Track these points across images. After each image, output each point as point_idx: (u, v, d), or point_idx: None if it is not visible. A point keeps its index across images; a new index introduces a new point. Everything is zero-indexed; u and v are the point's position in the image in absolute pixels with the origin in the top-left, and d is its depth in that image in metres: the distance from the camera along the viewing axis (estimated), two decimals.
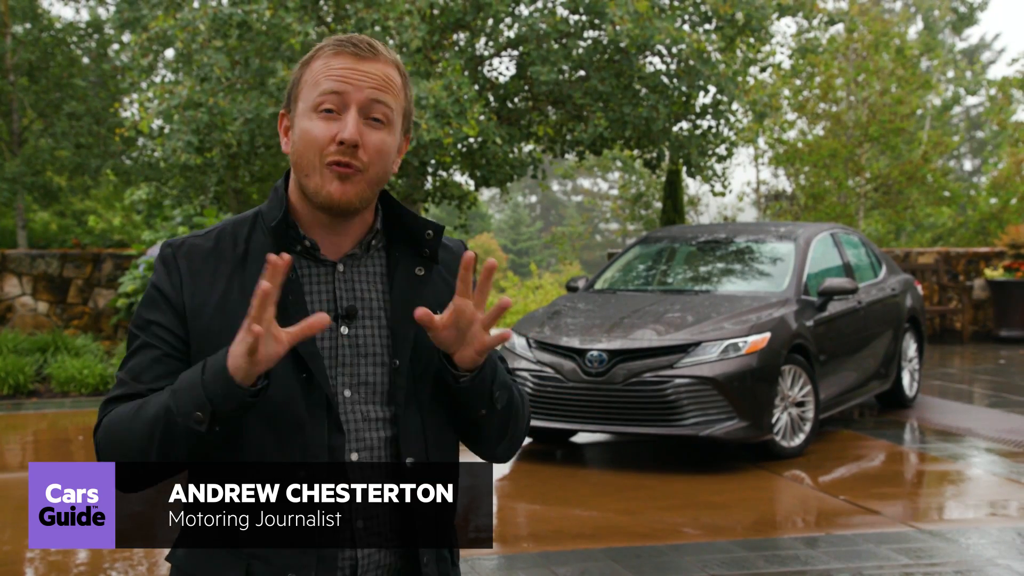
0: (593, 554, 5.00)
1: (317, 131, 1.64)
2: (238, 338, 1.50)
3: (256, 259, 1.67)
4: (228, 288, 1.66)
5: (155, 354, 1.65)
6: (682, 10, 11.44)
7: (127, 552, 5.10)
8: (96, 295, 12.81)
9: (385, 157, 1.66)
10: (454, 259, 1.79)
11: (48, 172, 16.04)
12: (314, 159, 1.64)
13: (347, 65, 1.65)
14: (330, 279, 1.70)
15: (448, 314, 1.58)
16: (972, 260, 14.84)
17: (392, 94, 1.67)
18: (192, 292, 1.66)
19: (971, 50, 37.25)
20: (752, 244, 8.34)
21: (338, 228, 1.70)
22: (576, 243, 23.84)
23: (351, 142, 1.61)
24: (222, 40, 10.17)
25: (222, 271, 1.67)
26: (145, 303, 1.69)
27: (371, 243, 1.73)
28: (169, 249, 1.71)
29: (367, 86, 1.64)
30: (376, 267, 1.73)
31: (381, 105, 1.65)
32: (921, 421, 8.58)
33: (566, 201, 51.38)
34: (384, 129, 1.66)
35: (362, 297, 1.71)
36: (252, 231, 1.71)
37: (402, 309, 1.69)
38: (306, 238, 1.69)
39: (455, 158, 11.61)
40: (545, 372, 6.97)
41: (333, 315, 1.68)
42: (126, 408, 1.60)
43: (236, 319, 1.59)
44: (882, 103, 18.53)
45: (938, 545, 5.12)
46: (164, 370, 1.64)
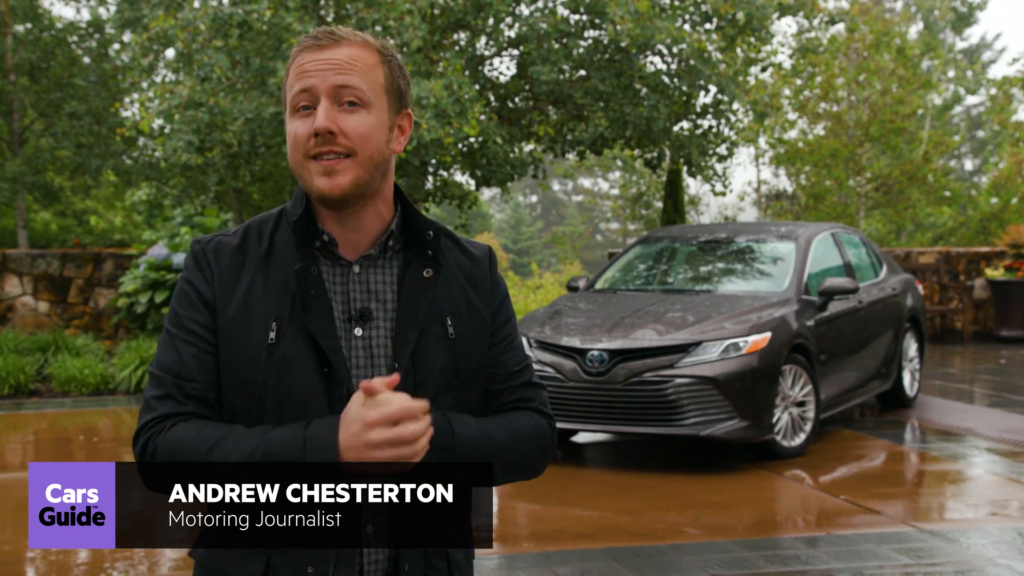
0: (593, 554, 5.00)
1: (297, 130, 1.66)
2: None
3: (279, 255, 1.70)
4: (252, 283, 1.68)
5: (193, 351, 1.66)
6: (683, 10, 11.43)
7: (127, 552, 5.10)
8: (97, 295, 12.80)
9: (371, 137, 1.66)
10: (474, 266, 1.79)
11: (49, 172, 16.04)
12: (300, 158, 1.66)
13: (310, 58, 1.66)
14: (345, 279, 1.71)
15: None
16: (973, 260, 14.84)
17: (359, 74, 1.66)
18: (220, 288, 1.68)
19: (972, 50, 37.24)
20: (753, 244, 8.34)
21: (348, 222, 1.71)
22: (577, 243, 23.82)
23: (323, 130, 1.62)
24: (223, 40, 10.17)
25: (248, 267, 1.69)
26: (179, 299, 1.71)
27: (388, 244, 1.73)
28: (199, 246, 1.73)
29: (331, 72, 1.64)
30: (391, 268, 1.74)
31: (349, 88, 1.65)
32: (922, 421, 8.57)
33: (567, 201, 51.38)
34: (363, 109, 1.66)
35: (377, 299, 1.71)
36: (276, 228, 1.73)
37: (406, 313, 1.69)
38: (324, 232, 1.70)
39: (456, 158, 11.60)
40: (546, 372, 6.97)
41: (347, 316, 1.69)
42: (191, 435, 1.60)
43: (258, 312, 1.64)
44: (883, 103, 18.52)
45: (939, 545, 5.12)
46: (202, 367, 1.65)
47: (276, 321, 1.65)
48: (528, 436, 1.75)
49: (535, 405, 1.81)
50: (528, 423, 1.76)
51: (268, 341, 1.65)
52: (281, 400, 1.65)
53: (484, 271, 1.81)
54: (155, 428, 1.63)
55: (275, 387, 1.65)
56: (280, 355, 1.65)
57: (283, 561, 1.61)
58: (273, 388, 1.65)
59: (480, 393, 1.77)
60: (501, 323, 1.81)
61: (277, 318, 1.65)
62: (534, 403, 1.81)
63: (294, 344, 1.64)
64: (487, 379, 1.78)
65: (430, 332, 1.71)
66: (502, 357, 1.80)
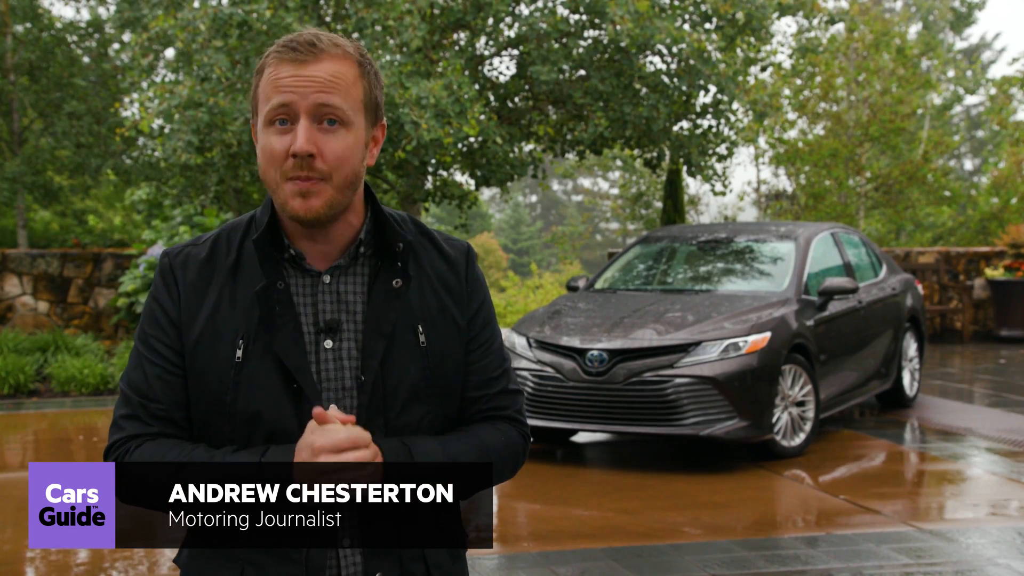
0: (593, 554, 5.00)
1: (273, 146, 1.61)
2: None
3: (246, 268, 1.67)
4: (219, 299, 1.66)
5: (157, 372, 1.67)
6: (682, 9, 11.44)
7: (127, 552, 5.11)
8: (96, 295, 12.81)
9: (347, 159, 1.63)
10: (450, 269, 1.76)
11: (48, 172, 16.03)
12: (275, 175, 1.63)
13: (290, 73, 1.61)
14: (314, 290, 1.68)
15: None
16: (972, 260, 14.84)
17: (340, 93, 1.62)
18: (187, 306, 1.67)
19: (971, 49, 37.24)
20: (752, 244, 8.34)
21: (318, 237, 1.68)
22: (576, 243, 23.82)
23: (303, 153, 1.59)
24: (222, 40, 10.16)
25: (215, 281, 1.67)
26: (146, 317, 1.71)
27: (358, 251, 1.71)
28: (167, 260, 1.71)
29: (311, 91, 1.60)
30: (362, 276, 1.71)
31: (330, 108, 1.61)
32: (921, 421, 8.58)
33: (566, 201, 51.38)
34: (341, 130, 1.62)
35: (347, 309, 1.69)
36: (245, 237, 1.70)
37: (374, 323, 1.67)
38: (291, 247, 1.67)
39: (455, 158, 11.60)
40: (545, 372, 6.97)
41: (316, 328, 1.67)
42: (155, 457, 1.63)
43: (225, 329, 1.63)
44: (882, 102, 18.53)
45: (938, 545, 5.12)
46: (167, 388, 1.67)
47: (243, 339, 1.63)
48: (494, 450, 1.73)
49: (509, 413, 1.79)
50: (497, 438, 1.75)
51: (235, 359, 1.63)
52: (251, 418, 1.64)
53: (460, 274, 1.77)
54: (122, 448, 1.66)
55: (244, 405, 1.64)
56: (247, 373, 1.64)
57: (256, 570, 1.62)
58: (242, 406, 1.64)
59: (456, 401, 1.75)
60: (479, 328, 1.78)
61: (244, 336, 1.63)
62: (508, 411, 1.79)
63: (261, 362, 1.63)
64: (463, 386, 1.76)
65: (400, 342, 1.68)
66: (480, 363, 1.77)
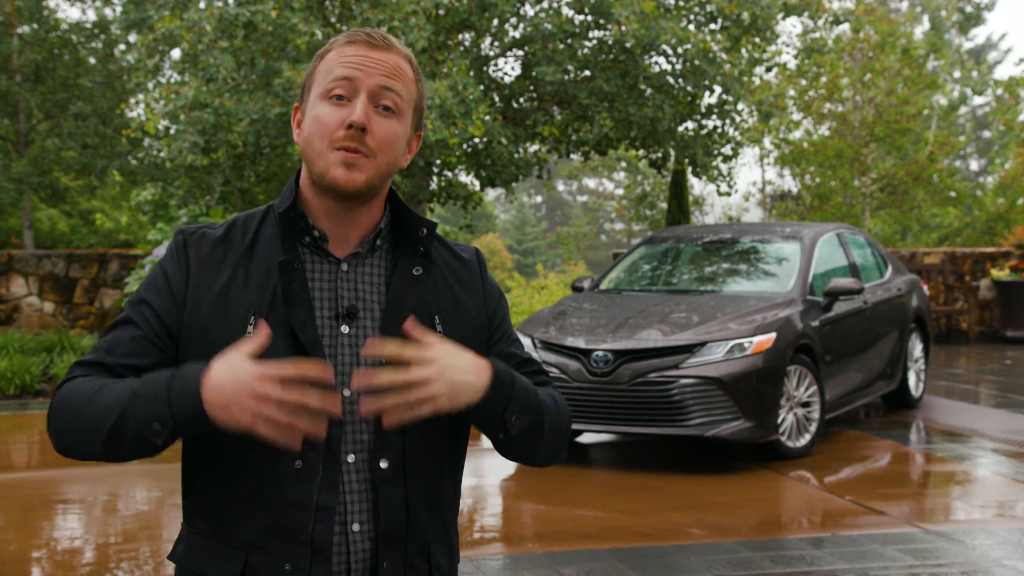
0: (598, 554, 5.00)
1: (327, 116, 1.63)
2: (226, 363, 1.49)
3: (262, 248, 1.67)
4: (233, 276, 1.65)
5: (134, 332, 1.63)
6: (688, 10, 11.43)
7: (132, 551, 5.11)
8: (102, 295, 12.83)
9: (394, 146, 1.66)
10: (462, 267, 1.78)
11: (54, 172, 16.08)
12: (322, 143, 1.63)
13: (359, 52, 1.65)
14: (333, 276, 1.69)
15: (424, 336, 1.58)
16: (978, 260, 14.82)
17: (403, 83, 1.66)
18: (197, 282, 1.65)
19: (977, 50, 37.19)
20: (758, 244, 8.33)
21: (345, 218, 1.68)
22: (581, 243, 23.82)
23: (359, 124, 1.61)
24: (228, 41, 10.18)
25: (229, 259, 1.67)
26: (147, 282, 1.69)
27: (376, 243, 1.72)
28: (182, 236, 1.71)
29: (377, 72, 1.64)
30: (379, 266, 1.72)
31: (391, 93, 1.65)
32: (927, 421, 8.56)
33: (571, 201, 51.38)
34: (393, 117, 1.65)
35: (364, 297, 1.69)
36: (262, 223, 1.71)
37: (395, 309, 1.68)
38: (315, 228, 1.68)
39: (460, 158, 11.61)
40: (550, 372, 6.97)
41: (334, 314, 1.67)
42: (86, 384, 1.57)
43: (237, 305, 1.61)
44: (888, 103, 18.50)
45: (944, 546, 5.11)
46: (136, 349, 1.62)
47: (255, 315, 1.63)
48: (562, 405, 1.76)
49: (549, 390, 1.80)
50: (557, 395, 1.77)
51: (247, 335, 1.61)
52: None
53: (475, 273, 1.80)
54: (62, 386, 1.62)
55: None
56: None
57: (262, 557, 1.59)
58: None
59: None
60: (500, 320, 1.81)
61: (256, 312, 1.63)
62: (548, 388, 1.80)
63: (274, 338, 1.60)
64: None
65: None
66: (507, 351, 1.80)
